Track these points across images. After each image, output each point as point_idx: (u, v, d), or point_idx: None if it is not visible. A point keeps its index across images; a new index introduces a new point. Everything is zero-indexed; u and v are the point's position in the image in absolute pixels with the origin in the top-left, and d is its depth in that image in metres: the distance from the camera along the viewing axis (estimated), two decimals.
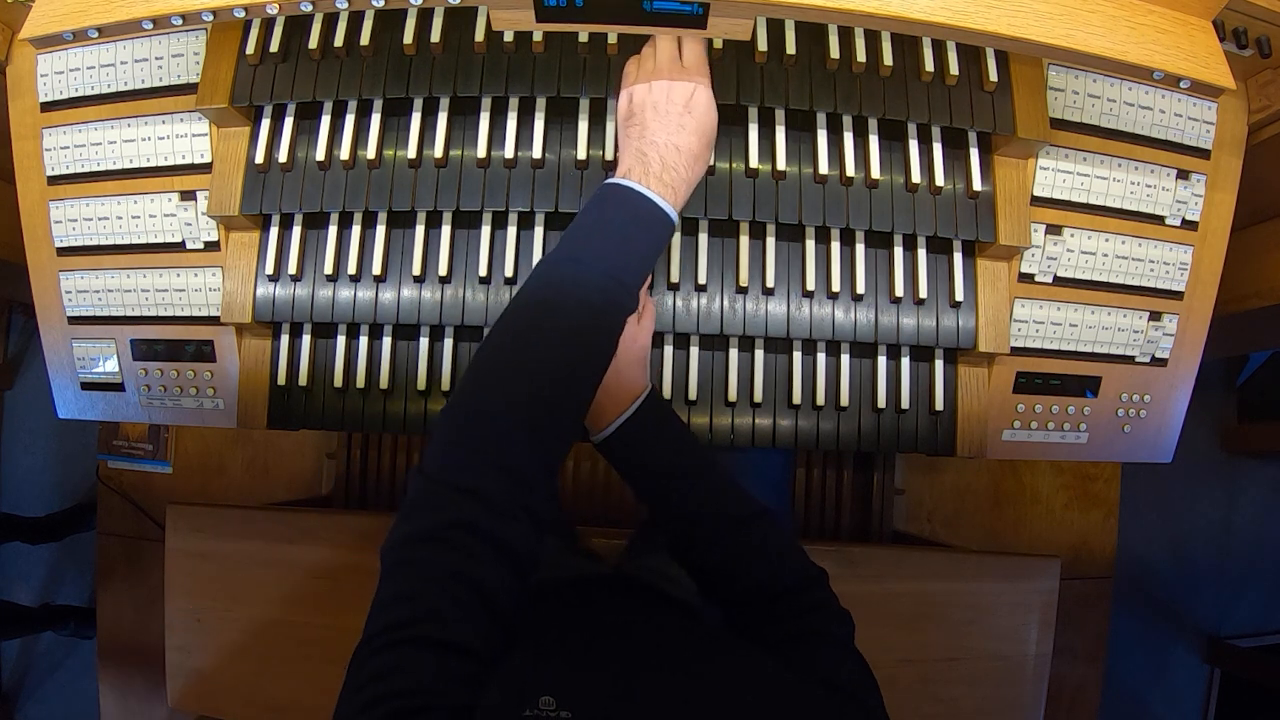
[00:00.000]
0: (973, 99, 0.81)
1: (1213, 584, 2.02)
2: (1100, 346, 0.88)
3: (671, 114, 0.69)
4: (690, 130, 0.68)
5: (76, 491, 1.98)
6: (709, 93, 0.70)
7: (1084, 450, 0.91)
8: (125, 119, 0.85)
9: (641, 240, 0.66)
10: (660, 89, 0.69)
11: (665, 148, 0.67)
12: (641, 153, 0.67)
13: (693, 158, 0.68)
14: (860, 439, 0.87)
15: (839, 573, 1.11)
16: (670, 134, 0.68)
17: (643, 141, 0.68)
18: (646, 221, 0.65)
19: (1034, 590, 1.12)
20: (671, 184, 0.67)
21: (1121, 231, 0.87)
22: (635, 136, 0.69)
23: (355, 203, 0.82)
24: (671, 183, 0.67)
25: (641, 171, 0.66)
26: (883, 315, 0.84)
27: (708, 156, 0.71)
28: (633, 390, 0.72)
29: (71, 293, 0.89)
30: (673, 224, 0.67)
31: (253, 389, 0.87)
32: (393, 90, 0.79)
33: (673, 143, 0.68)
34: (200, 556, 1.11)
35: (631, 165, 0.67)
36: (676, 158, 0.67)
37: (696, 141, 0.68)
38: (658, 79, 0.70)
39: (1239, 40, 0.82)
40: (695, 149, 0.68)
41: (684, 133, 0.68)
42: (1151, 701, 2.00)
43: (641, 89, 0.70)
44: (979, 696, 1.11)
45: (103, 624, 1.64)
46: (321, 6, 0.66)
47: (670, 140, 0.68)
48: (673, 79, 0.70)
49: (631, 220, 0.65)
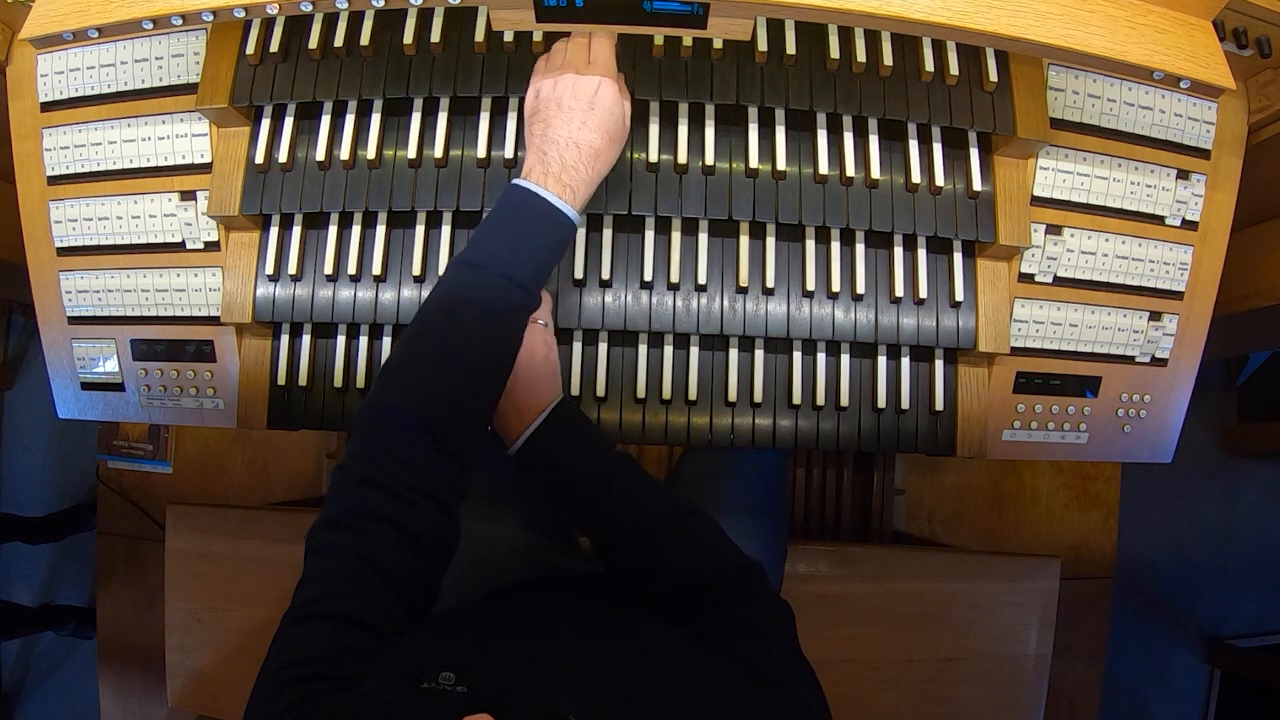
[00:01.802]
0: (973, 99, 0.81)
1: (1213, 584, 2.02)
2: (1100, 346, 0.88)
3: (575, 110, 0.69)
4: (593, 127, 0.69)
5: (76, 491, 1.97)
6: (614, 88, 0.70)
7: (1084, 450, 0.91)
8: (125, 119, 0.85)
9: (537, 242, 0.67)
10: (565, 84, 0.69)
11: (566, 145, 0.68)
12: (542, 151, 0.68)
13: (594, 154, 0.69)
14: (860, 439, 0.87)
15: (839, 573, 1.12)
16: (572, 131, 0.68)
17: (544, 140, 0.69)
18: (543, 223, 0.67)
19: (1034, 590, 1.12)
20: (570, 184, 0.68)
21: (1121, 231, 0.87)
22: (538, 134, 0.69)
23: (355, 203, 0.82)
24: (570, 182, 0.68)
25: (541, 172, 0.67)
26: (883, 315, 0.84)
27: (612, 153, 0.71)
28: (541, 402, 0.73)
29: (71, 293, 0.89)
30: (572, 224, 0.68)
31: (253, 389, 0.87)
32: (393, 90, 0.79)
33: (574, 139, 0.68)
34: (200, 556, 1.11)
35: (533, 165, 0.68)
36: (576, 156, 0.68)
37: (599, 138, 0.69)
38: (567, 70, 0.70)
39: (1239, 40, 0.82)
40: (597, 145, 0.69)
41: (586, 129, 0.68)
42: (1151, 701, 2.00)
43: (548, 84, 0.70)
44: (979, 696, 1.11)
45: (103, 624, 1.64)
46: (321, 6, 0.66)
47: (571, 137, 0.68)
48: (580, 70, 0.70)
49: (529, 223, 0.67)
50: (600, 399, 0.85)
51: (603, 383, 0.85)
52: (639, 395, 0.85)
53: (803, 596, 1.08)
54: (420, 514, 0.59)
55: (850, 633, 1.10)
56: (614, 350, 0.86)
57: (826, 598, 1.10)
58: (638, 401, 0.85)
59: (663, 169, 0.81)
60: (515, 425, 0.73)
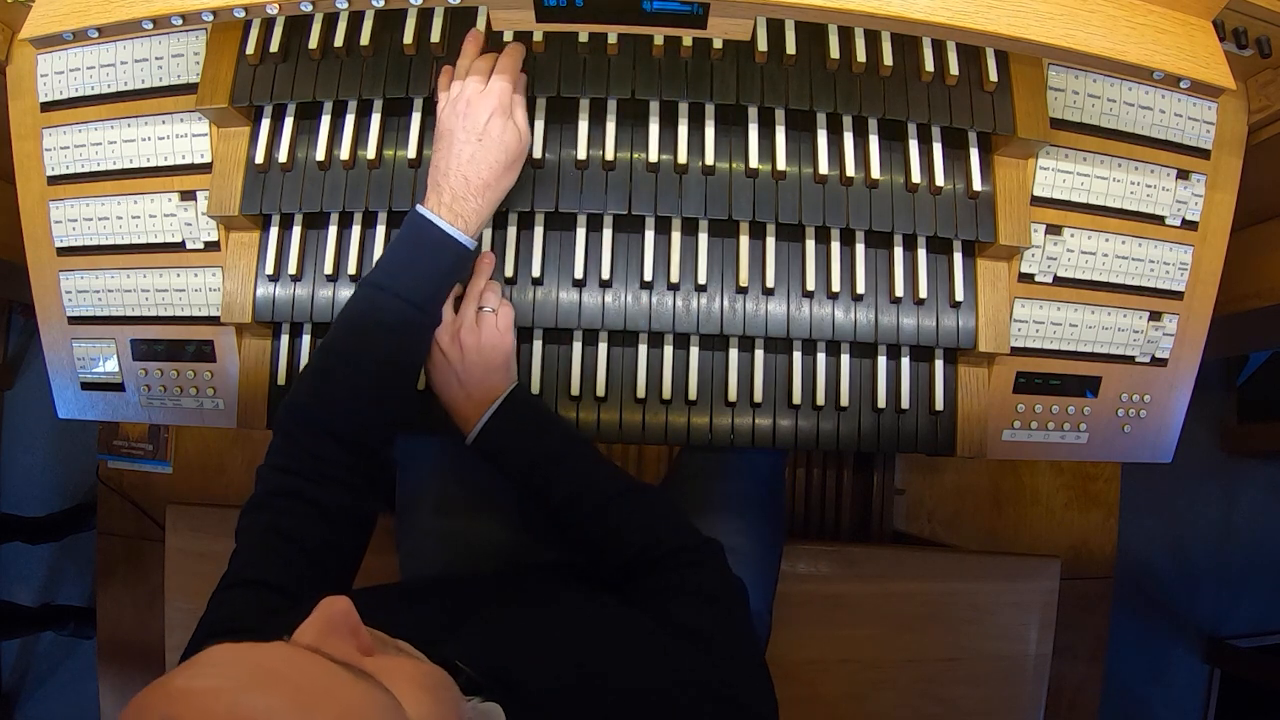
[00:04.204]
0: (973, 99, 0.81)
1: (1213, 584, 2.02)
2: (1100, 346, 0.88)
3: (466, 143, 0.72)
4: (481, 161, 0.72)
5: (76, 491, 1.97)
6: (504, 119, 0.72)
7: (1084, 450, 0.91)
8: (125, 119, 0.85)
9: (433, 265, 0.73)
10: (459, 113, 0.72)
11: (456, 178, 0.72)
12: (436, 183, 0.73)
13: (483, 186, 0.72)
14: (860, 439, 0.86)
15: (839, 573, 1.12)
16: (462, 164, 0.72)
17: (437, 171, 0.73)
18: (437, 249, 0.72)
19: (1034, 590, 1.13)
20: (462, 214, 0.72)
21: (1121, 231, 0.87)
22: (438, 160, 0.73)
23: (355, 203, 0.81)
24: (462, 212, 0.72)
25: (435, 201, 0.72)
26: (883, 315, 0.84)
27: (505, 182, 0.74)
28: (494, 392, 0.76)
29: (71, 293, 0.89)
30: (466, 249, 0.73)
31: (253, 389, 0.87)
32: (393, 90, 0.79)
33: (463, 174, 0.72)
34: (200, 556, 1.11)
35: (429, 193, 0.73)
36: (465, 189, 0.72)
37: (487, 172, 0.72)
38: (461, 98, 0.72)
39: (1239, 40, 0.82)
40: (485, 178, 0.72)
41: (474, 164, 0.72)
42: (1151, 701, 2.00)
43: (446, 112, 0.73)
44: (979, 696, 1.11)
45: (103, 624, 1.64)
46: (321, 6, 0.67)
47: (461, 171, 0.72)
48: (471, 102, 0.72)
49: (425, 248, 0.72)
50: (600, 399, 0.85)
51: (603, 383, 0.85)
52: (639, 395, 0.85)
53: (803, 596, 1.08)
54: (326, 489, 0.68)
55: (850, 633, 1.10)
56: (614, 350, 0.86)
57: (826, 598, 1.10)
58: (638, 401, 0.85)
59: (663, 169, 0.81)
60: (471, 415, 0.76)
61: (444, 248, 0.72)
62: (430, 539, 0.89)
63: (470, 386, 0.76)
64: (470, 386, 0.76)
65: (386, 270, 0.73)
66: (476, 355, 0.76)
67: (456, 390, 0.77)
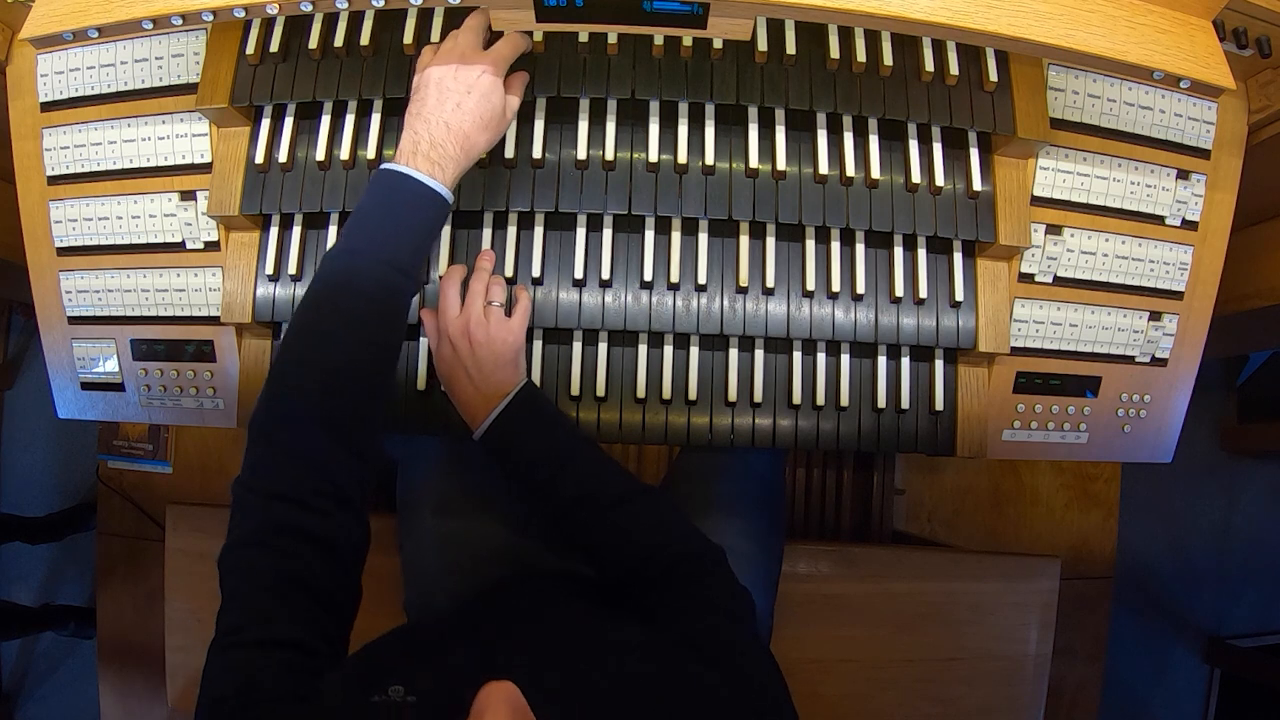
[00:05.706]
0: (973, 99, 0.81)
1: (1213, 584, 2.02)
2: (1100, 346, 0.88)
3: (452, 92, 0.69)
4: (467, 111, 0.68)
5: (76, 491, 1.97)
6: (495, 79, 0.70)
7: (1084, 450, 0.91)
8: (125, 119, 0.85)
9: (411, 223, 0.67)
10: (449, 68, 0.69)
11: (436, 125, 0.68)
12: (414, 130, 0.68)
13: (463, 137, 0.68)
14: (860, 439, 0.87)
15: (839, 573, 1.12)
16: (445, 112, 0.68)
17: (417, 119, 0.69)
18: (415, 203, 0.67)
19: (1034, 590, 1.13)
20: (439, 160, 0.67)
21: (1121, 231, 0.87)
22: (414, 114, 0.69)
23: (355, 203, 0.81)
24: (439, 159, 0.67)
25: (410, 152, 0.68)
26: (883, 315, 0.84)
27: (485, 141, 0.71)
28: (504, 387, 0.75)
29: (71, 293, 0.89)
30: (443, 199, 0.68)
31: (253, 389, 0.87)
32: (393, 90, 0.79)
33: (445, 120, 0.68)
34: (200, 556, 1.11)
35: (403, 146, 0.68)
36: (445, 135, 0.68)
37: (471, 124, 0.69)
38: (455, 50, 0.70)
39: (1239, 40, 0.82)
40: (468, 130, 0.69)
41: (459, 112, 0.68)
42: (1151, 701, 2.00)
43: (433, 69, 0.70)
44: (979, 696, 1.11)
45: (103, 624, 1.64)
46: (321, 6, 0.66)
47: (443, 118, 0.68)
48: (466, 55, 0.70)
49: (401, 204, 0.67)
50: (600, 399, 0.85)
51: (603, 383, 0.85)
52: (639, 395, 0.85)
53: (803, 596, 1.08)
54: (331, 521, 0.59)
55: (850, 633, 1.10)
56: (614, 350, 0.86)
57: (826, 598, 1.10)
58: (638, 401, 0.85)
59: (663, 169, 0.81)
60: (479, 410, 0.75)
61: (422, 200, 0.67)
62: (431, 540, 0.89)
63: (480, 381, 0.75)
64: (480, 381, 0.75)
65: (361, 235, 0.67)
66: (486, 349, 0.75)
67: (466, 384, 0.76)
